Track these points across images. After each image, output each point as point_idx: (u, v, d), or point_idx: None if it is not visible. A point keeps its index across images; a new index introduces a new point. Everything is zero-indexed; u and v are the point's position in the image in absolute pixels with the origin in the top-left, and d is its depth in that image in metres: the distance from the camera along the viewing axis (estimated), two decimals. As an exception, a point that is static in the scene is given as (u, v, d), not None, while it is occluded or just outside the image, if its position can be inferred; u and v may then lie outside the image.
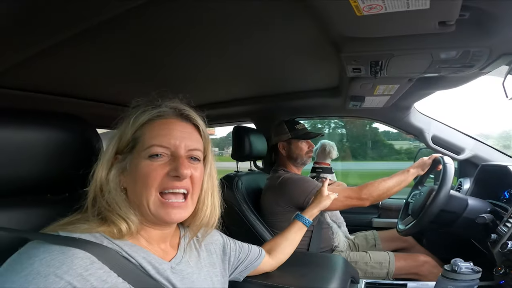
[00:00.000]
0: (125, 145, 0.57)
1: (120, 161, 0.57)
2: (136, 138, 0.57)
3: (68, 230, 0.51)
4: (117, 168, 0.57)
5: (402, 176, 1.32)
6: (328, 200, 1.08)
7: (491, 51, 0.79)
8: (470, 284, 0.86)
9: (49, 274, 0.43)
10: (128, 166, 0.56)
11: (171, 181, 0.55)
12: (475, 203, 1.16)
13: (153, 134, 0.56)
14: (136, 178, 0.55)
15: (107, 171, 0.56)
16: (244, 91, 1.64)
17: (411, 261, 1.39)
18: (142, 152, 0.55)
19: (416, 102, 1.53)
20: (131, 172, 0.56)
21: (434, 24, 0.66)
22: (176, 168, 0.55)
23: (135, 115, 0.58)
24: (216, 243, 0.76)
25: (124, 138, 0.57)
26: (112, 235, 0.53)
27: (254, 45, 0.98)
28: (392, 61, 0.87)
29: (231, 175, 1.51)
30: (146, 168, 0.55)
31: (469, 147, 1.55)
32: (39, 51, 0.80)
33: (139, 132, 0.57)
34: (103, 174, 0.56)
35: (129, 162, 0.56)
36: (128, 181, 0.57)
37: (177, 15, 0.75)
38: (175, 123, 0.59)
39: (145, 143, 0.56)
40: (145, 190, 0.54)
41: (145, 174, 0.54)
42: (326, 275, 0.94)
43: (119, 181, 0.57)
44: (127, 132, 0.57)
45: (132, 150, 0.57)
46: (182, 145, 0.57)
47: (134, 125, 0.57)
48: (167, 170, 0.55)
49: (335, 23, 0.73)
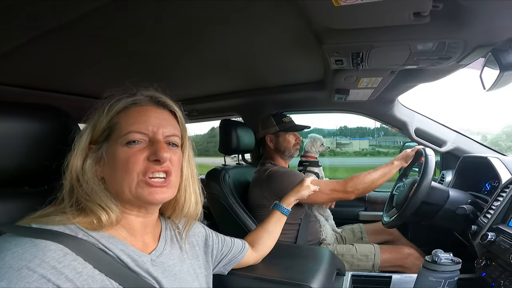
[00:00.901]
0: (99, 134, 0.56)
1: (95, 150, 0.56)
2: (111, 126, 0.56)
3: (41, 222, 0.49)
4: (92, 158, 0.56)
5: (386, 168, 1.35)
6: (307, 190, 1.08)
7: (466, 43, 0.80)
8: (451, 275, 0.87)
9: (22, 268, 0.42)
10: (104, 155, 0.55)
11: (152, 165, 0.55)
12: (456, 194, 1.18)
13: (130, 121, 0.56)
14: (115, 165, 0.54)
15: (82, 161, 0.55)
16: (231, 85, 1.64)
17: (396, 254, 1.42)
18: (119, 139, 0.55)
19: (400, 96, 1.56)
20: (109, 160, 0.55)
21: (409, 15, 0.67)
22: (155, 152, 0.55)
23: (110, 103, 0.57)
24: (198, 235, 0.75)
25: (99, 127, 0.56)
26: (90, 226, 0.52)
27: (239, 39, 0.98)
28: (372, 52, 0.88)
29: (218, 169, 1.51)
30: (124, 154, 0.54)
31: (451, 139, 1.58)
32: (13, 47, 0.78)
33: (115, 120, 0.56)
34: (78, 164, 0.55)
35: (105, 151, 0.55)
36: (106, 169, 0.56)
37: (160, 9, 0.74)
38: (151, 109, 0.59)
39: (122, 130, 0.55)
40: (126, 176, 0.54)
41: (124, 160, 0.54)
42: (311, 267, 0.94)
43: (95, 170, 0.56)
44: (101, 120, 0.56)
45: (108, 138, 0.56)
46: (159, 131, 0.57)
47: (109, 113, 0.56)
48: (146, 154, 0.55)
49: (314, 14, 0.73)
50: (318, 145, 1.82)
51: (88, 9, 0.68)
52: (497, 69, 0.81)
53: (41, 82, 1.20)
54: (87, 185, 0.53)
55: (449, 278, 0.87)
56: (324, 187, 1.32)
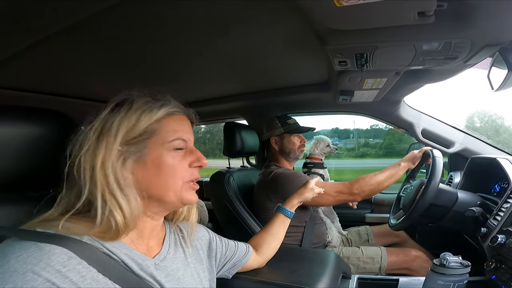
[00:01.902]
0: (136, 135, 0.55)
1: (130, 152, 0.55)
2: (151, 130, 0.56)
3: (46, 227, 0.49)
4: (131, 159, 0.55)
5: (393, 170, 1.32)
6: (311, 193, 1.06)
7: (472, 42, 0.79)
8: (460, 279, 0.85)
9: (27, 272, 0.42)
10: (145, 158, 0.56)
11: (194, 171, 0.60)
12: (465, 196, 1.15)
13: (174, 128, 0.59)
14: (161, 169, 0.56)
15: (120, 163, 0.54)
16: (235, 87, 1.64)
17: (403, 256, 1.39)
18: (165, 145, 0.57)
19: (406, 96, 1.54)
20: (153, 164, 0.56)
21: (413, 15, 0.65)
22: (199, 159, 0.60)
23: (152, 108, 0.57)
24: (202, 239, 0.75)
25: (137, 128, 0.55)
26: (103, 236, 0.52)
27: (242, 40, 0.98)
28: (377, 53, 0.87)
29: (223, 172, 1.51)
30: (172, 159, 0.57)
31: (459, 140, 1.55)
32: (19, 51, 0.79)
33: (156, 125, 0.57)
34: (111, 165, 0.52)
35: (147, 153, 0.56)
36: (146, 172, 0.56)
37: (164, 11, 0.74)
38: (185, 120, 0.63)
39: (168, 136, 0.57)
40: (172, 181, 0.57)
41: (172, 165, 0.57)
42: (317, 271, 0.93)
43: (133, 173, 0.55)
44: (141, 122, 0.55)
45: (145, 141, 0.56)
46: (192, 140, 0.62)
47: (153, 117, 0.57)
48: (189, 161, 0.59)
49: (316, 15, 0.72)
50: (323, 147, 1.81)
51: (93, 11, 0.68)
52: (505, 68, 0.79)
53: (47, 85, 1.21)
54: (118, 187, 0.52)
55: (458, 282, 0.85)
56: (329, 189, 1.31)
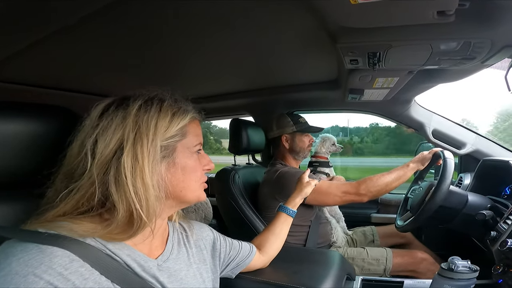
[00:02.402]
0: (170, 136, 0.56)
1: (167, 155, 0.56)
2: (183, 133, 0.58)
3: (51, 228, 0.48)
4: (166, 162, 0.56)
5: (401, 171, 1.30)
6: (309, 187, 1.05)
7: (492, 43, 0.76)
8: (467, 283, 0.83)
9: (28, 274, 0.41)
10: (176, 159, 0.57)
11: (204, 173, 0.64)
12: (475, 199, 1.13)
13: (196, 132, 0.62)
14: (186, 171, 0.59)
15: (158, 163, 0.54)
16: (242, 84, 1.62)
17: (409, 258, 1.38)
18: (192, 148, 0.60)
19: (417, 96, 1.50)
20: (181, 166, 0.58)
21: (432, 14, 0.63)
22: (209, 162, 0.65)
23: (181, 110, 0.59)
24: (206, 238, 0.75)
25: (171, 129, 0.56)
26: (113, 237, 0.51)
27: (251, 37, 0.96)
28: (390, 52, 0.84)
29: (228, 169, 1.50)
30: (194, 162, 0.61)
31: (470, 141, 1.52)
32: (26, 46, 0.79)
33: (186, 128, 0.59)
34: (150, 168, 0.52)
35: (177, 157, 0.57)
36: (175, 174, 0.58)
37: (172, 7, 0.73)
38: (199, 124, 0.65)
39: (193, 141, 0.60)
40: (194, 182, 0.61)
41: (194, 168, 0.61)
42: (320, 272, 0.92)
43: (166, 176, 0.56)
44: (175, 123, 0.56)
45: (177, 143, 0.57)
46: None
47: (184, 119, 0.58)
48: (202, 164, 0.64)
49: (330, 12, 0.70)
50: (328, 145, 1.79)
51: (99, 6, 0.67)
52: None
53: (49, 80, 1.21)
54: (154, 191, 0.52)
55: (465, 286, 0.84)
56: (336, 189, 1.29)
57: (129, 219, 0.51)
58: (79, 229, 0.49)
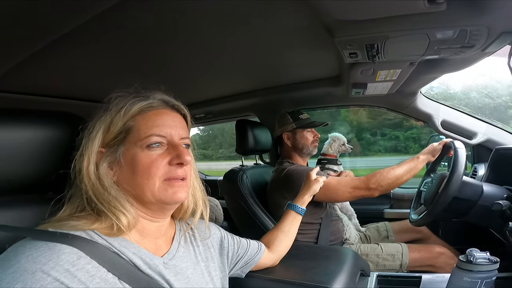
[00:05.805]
0: (113, 136, 0.57)
1: (109, 153, 0.56)
2: (127, 129, 0.56)
3: (56, 227, 0.51)
4: (107, 161, 0.56)
5: (412, 163, 1.27)
6: (317, 184, 1.04)
7: (489, 29, 0.75)
8: (488, 275, 0.80)
9: (36, 271, 0.43)
10: (121, 158, 0.56)
11: (174, 169, 0.57)
12: (490, 189, 1.09)
13: (149, 124, 0.57)
14: (135, 169, 0.55)
15: (96, 166, 0.55)
16: (245, 85, 1.63)
17: (426, 253, 1.34)
18: (138, 143, 0.55)
19: (422, 87, 1.47)
20: (127, 164, 0.56)
21: (423, 2, 0.62)
22: (179, 155, 0.56)
23: (124, 106, 0.57)
24: (213, 236, 0.75)
25: (112, 130, 0.56)
26: (108, 232, 0.53)
27: (251, 36, 0.97)
28: (388, 43, 0.84)
29: (236, 170, 1.51)
30: (146, 158, 0.55)
31: (481, 130, 1.47)
32: (29, 55, 0.82)
33: (130, 123, 0.57)
34: (93, 169, 0.55)
35: (122, 154, 0.56)
36: (123, 173, 0.56)
37: (171, 8, 0.74)
38: (167, 113, 0.60)
39: (141, 134, 0.56)
40: (147, 180, 0.55)
41: (147, 164, 0.55)
42: (333, 269, 0.90)
43: (109, 174, 0.56)
44: (115, 123, 0.56)
45: (123, 141, 0.56)
46: (176, 134, 0.59)
47: (126, 115, 0.57)
48: (168, 158, 0.57)
49: (323, 6, 0.71)
50: (337, 146, 1.77)
51: (98, 11, 0.68)
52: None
53: (59, 90, 1.25)
54: (105, 190, 0.54)
55: (486, 278, 0.80)
56: (345, 184, 1.28)
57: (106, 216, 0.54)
58: (79, 223, 0.52)
